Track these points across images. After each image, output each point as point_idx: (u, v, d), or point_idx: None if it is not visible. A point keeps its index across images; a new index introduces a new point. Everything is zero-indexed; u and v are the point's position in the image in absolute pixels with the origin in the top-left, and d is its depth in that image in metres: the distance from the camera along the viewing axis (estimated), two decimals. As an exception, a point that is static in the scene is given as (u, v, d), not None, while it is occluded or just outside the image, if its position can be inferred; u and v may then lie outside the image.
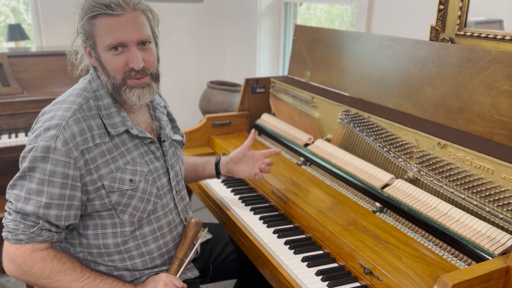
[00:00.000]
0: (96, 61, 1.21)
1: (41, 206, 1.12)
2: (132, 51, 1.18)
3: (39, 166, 1.11)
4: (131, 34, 1.17)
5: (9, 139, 2.45)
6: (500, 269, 1.02)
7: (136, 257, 1.28)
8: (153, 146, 1.31)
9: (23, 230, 1.12)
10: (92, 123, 1.19)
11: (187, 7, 3.58)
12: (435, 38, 1.69)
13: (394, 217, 1.41)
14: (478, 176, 1.26)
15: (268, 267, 1.35)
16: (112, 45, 1.16)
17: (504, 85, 1.30)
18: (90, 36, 1.18)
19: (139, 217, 1.25)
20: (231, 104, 3.24)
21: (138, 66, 1.18)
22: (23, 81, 2.62)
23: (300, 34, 2.22)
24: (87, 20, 1.16)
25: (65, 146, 1.12)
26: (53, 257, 1.16)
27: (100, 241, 1.24)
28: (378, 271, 1.16)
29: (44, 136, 1.13)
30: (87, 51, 1.22)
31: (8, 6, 3.45)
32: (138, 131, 1.26)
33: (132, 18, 1.17)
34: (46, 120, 1.16)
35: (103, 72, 1.22)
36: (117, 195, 1.20)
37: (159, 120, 1.37)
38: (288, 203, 1.54)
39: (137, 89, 1.21)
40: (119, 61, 1.18)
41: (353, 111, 1.71)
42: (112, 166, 1.20)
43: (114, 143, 1.22)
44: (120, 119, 1.23)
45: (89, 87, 1.24)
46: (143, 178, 1.24)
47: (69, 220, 1.17)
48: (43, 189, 1.12)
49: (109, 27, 1.15)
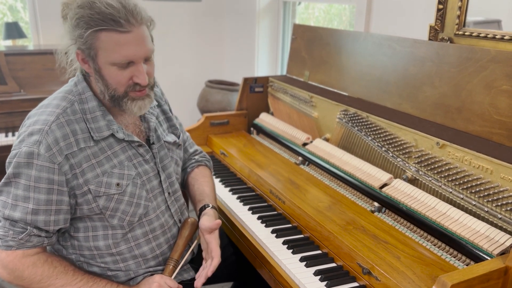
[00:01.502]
0: (94, 71, 1.17)
1: (28, 212, 1.11)
2: (139, 67, 1.16)
3: (24, 172, 1.10)
4: (140, 51, 1.14)
5: (5, 137, 2.44)
6: (499, 269, 1.02)
7: (129, 259, 1.27)
8: (142, 149, 1.28)
9: (12, 237, 1.12)
10: (76, 127, 1.17)
11: (185, 5, 3.57)
12: (434, 37, 1.69)
13: (392, 217, 1.41)
14: (477, 176, 1.25)
15: (266, 267, 1.35)
16: (120, 63, 1.13)
17: (503, 85, 1.29)
18: (92, 48, 1.13)
19: (129, 221, 1.23)
20: (229, 103, 3.23)
21: (145, 82, 1.17)
22: (20, 80, 2.62)
23: (299, 33, 2.22)
24: (91, 33, 1.11)
25: (49, 151, 1.11)
26: (44, 262, 1.16)
27: (91, 243, 1.23)
28: (376, 271, 1.15)
29: (27, 141, 1.11)
30: (80, 57, 1.17)
31: (6, 4, 3.44)
32: (125, 135, 1.23)
33: (140, 34, 1.14)
34: (30, 125, 1.15)
35: (100, 82, 1.18)
36: (104, 200, 1.19)
37: (148, 121, 1.34)
38: (287, 202, 1.54)
39: (138, 101, 1.20)
40: (124, 75, 1.16)
41: (351, 111, 1.71)
42: (98, 170, 1.18)
43: (99, 147, 1.20)
44: (105, 123, 1.21)
45: (74, 90, 1.22)
46: (130, 182, 1.22)
47: (58, 224, 1.16)
48: (29, 195, 1.11)
49: (118, 44, 1.11)
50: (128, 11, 1.11)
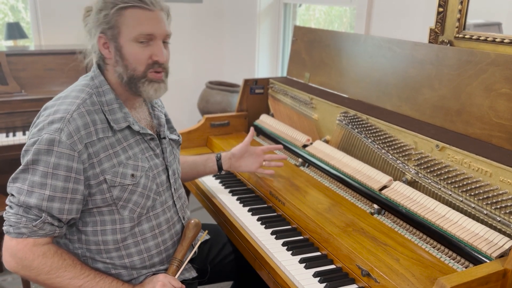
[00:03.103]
0: (115, 52, 1.23)
1: (45, 199, 1.12)
2: (158, 44, 1.24)
3: (43, 159, 1.12)
4: (160, 29, 1.23)
5: (6, 138, 2.44)
6: (497, 271, 1.02)
7: (135, 255, 1.28)
8: (153, 143, 1.32)
9: (25, 224, 1.12)
10: (96, 117, 1.20)
11: (186, 7, 3.58)
12: (434, 40, 1.69)
13: (392, 219, 1.41)
14: (476, 178, 1.26)
15: (266, 268, 1.35)
16: (142, 35, 1.20)
17: (502, 88, 1.30)
18: (115, 26, 1.20)
19: (139, 213, 1.26)
20: (229, 104, 3.24)
21: (163, 59, 1.24)
22: (21, 80, 2.62)
23: (299, 35, 2.22)
24: (117, 10, 1.19)
25: (70, 139, 1.13)
26: (54, 253, 1.16)
27: (99, 237, 1.24)
28: (375, 273, 1.16)
29: (48, 129, 1.13)
30: (102, 42, 1.23)
31: (7, 4, 3.44)
32: (140, 127, 1.28)
33: (161, 15, 1.24)
34: (49, 114, 1.17)
35: (120, 63, 1.23)
36: (118, 190, 1.21)
37: (158, 118, 1.39)
38: (286, 204, 1.54)
39: (155, 83, 1.26)
40: (144, 53, 1.22)
41: (351, 113, 1.71)
42: (115, 160, 1.21)
43: (116, 138, 1.23)
44: (122, 115, 1.25)
45: (91, 84, 1.25)
46: (144, 174, 1.26)
47: (71, 213, 1.17)
48: (47, 182, 1.12)
49: (141, 19, 1.20)
50: None
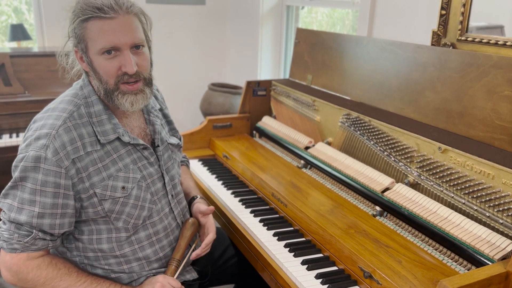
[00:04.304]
0: (88, 66, 1.19)
1: (34, 216, 1.11)
2: (125, 54, 1.15)
3: (31, 176, 1.11)
4: (124, 37, 1.14)
5: (10, 138, 2.45)
6: (500, 274, 1.02)
7: (133, 261, 1.28)
8: (147, 152, 1.29)
9: (17, 240, 1.12)
10: (83, 131, 1.17)
11: (189, 9, 3.59)
12: (436, 43, 1.69)
13: (394, 221, 1.41)
14: (479, 181, 1.26)
15: (268, 269, 1.35)
16: (105, 48, 1.14)
17: (505, 91, 1.30)
18: (82, 39, 1.15)
19: (134, 223, 1.24)
20: (232, 106, 3.24)
21: (132, 70, 1.16)
22: (25, 81, 2.63)
23: (302, 37, 2.23)
24: (79, 23, 1.14)
25: (56, 156, 1.11)
26: (48, 264, 1.16)
27: (95, 245, 1.23)
28: (377, 274, 1.16)
29: (34, 145, 1.12)
30: (79, 55, 1.20)
31: (10, 6, 3.46)
32: (130, 138, 1.24)
33: (125, 21, 1.15)
34: (36, 129, 1.15)
35: (95, 77, 1.19)
36: (109, 203, 1.19)
37: (153, 124, 1.34)
38: (288, 205, 1.54)
39: (130, 95, 1.19)
40: (112, 65, 1.16)
41: (354, 115, 1.71)
42: (104, 174, 1.19)
43: (105, 150, 1.20)
44: (111, 126, 1.21)
45: (80, 93, 1.22)
46: (135, 185, 1.23)
47: (63, 228, 1.16)
48: (36, 199, 1.11)
49: (102, 30, 1.13)
50: (114, 0, 1.14)
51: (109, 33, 1.13)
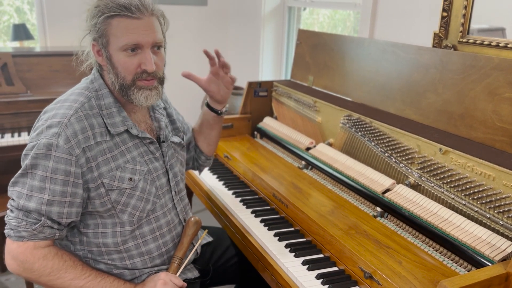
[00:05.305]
0: (106, 60, 1.23)
1: (43, 203, 1.13)
2: (146, 53, 1.21)
3: (41, 164, 1.12)
4: (147, 37, 1.20)
5: (12, 138, 2.46)
6: (500, 275, 1.02)
7: (136, 257, 1.29)
8: (153, 147, 1.32)
9: (25, 227, 1.13)
10: (94, 121, 1.21)
11: (191, 9, 3.60)
12: (438, 44, 1.70)
13: (394, 222, 1.42)
14: (479, 182, 1.26)
15: (269, 269, 1.36)
16: (128, 46, 1.18)
17: (506, 92, 1.30)
18: (104, 34, 1.19)
19: (139, 216, 1.26)
20: (233, 107, 3.25)
21: (151, 69, 1.21)
22: (27, 81, 2.64)
23: (304, 38, 2.23)
24: (104, 19, 1.18)
25: (67, 143, 1.14)
26: (54, 255, 1.17)
27: (100, 240, 1.25)
28: (378, 275, 1.16)
29: (46, 133, 1.14)
30: (96, 49, 1.23)
31: (13, 6, 3.47)
32: (138, 131, 1.28)
33: (149, 22, 1.21)
34: (48, 118, 1.18)
35: (111, 71, 1.23)
36: (116, 194, 1.21)
37: (159, 121, 1.39)
38: (289, 206, 1.55)
39: (145, 90, 1.23)
40: (132, 62, 1.20)
41: (355, 116, 1.72)
42: (112, 164, 1.21)
43: (114, 141, 1.23)
44: (121, 119, 1.25)
45: (91, 87, 1.26)
46: (142, 177, 1.26)
47: (71, 217, 1.18)
48: (45, 186, 1.13)
49: (127, 28, 1.18)
50: (140, 1, 1.20)
51: (133, 31, 1.18)
